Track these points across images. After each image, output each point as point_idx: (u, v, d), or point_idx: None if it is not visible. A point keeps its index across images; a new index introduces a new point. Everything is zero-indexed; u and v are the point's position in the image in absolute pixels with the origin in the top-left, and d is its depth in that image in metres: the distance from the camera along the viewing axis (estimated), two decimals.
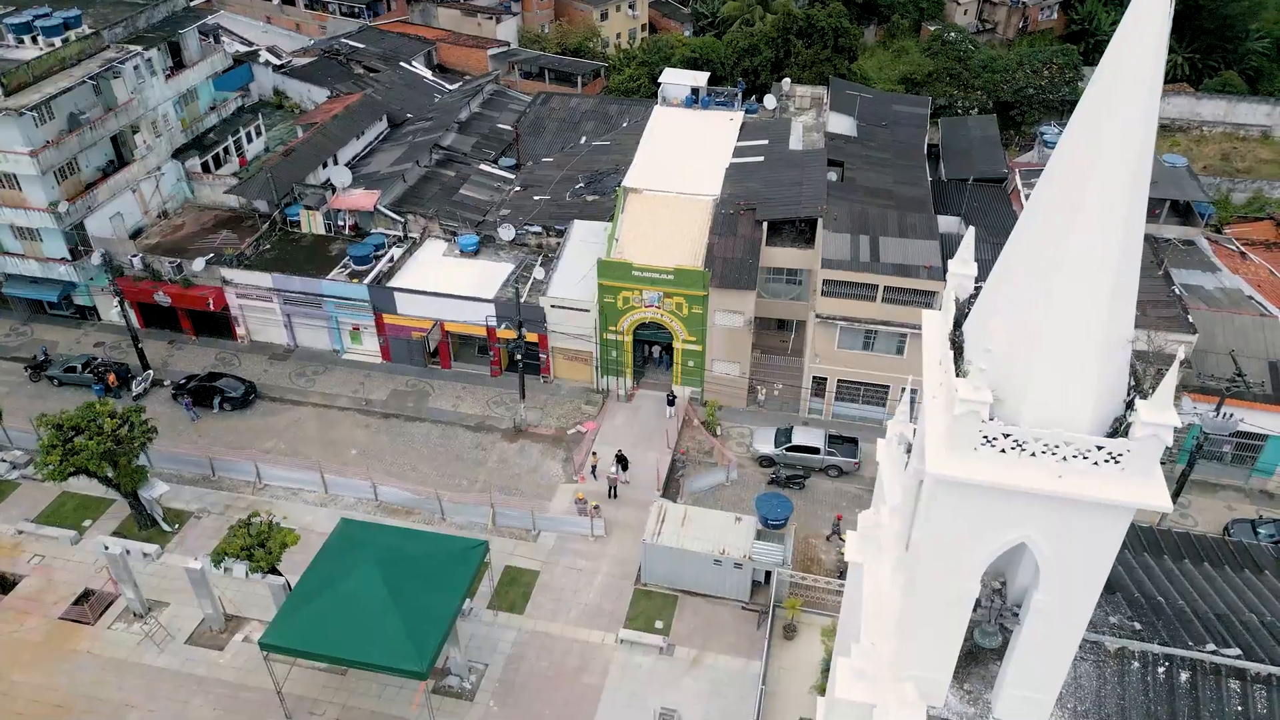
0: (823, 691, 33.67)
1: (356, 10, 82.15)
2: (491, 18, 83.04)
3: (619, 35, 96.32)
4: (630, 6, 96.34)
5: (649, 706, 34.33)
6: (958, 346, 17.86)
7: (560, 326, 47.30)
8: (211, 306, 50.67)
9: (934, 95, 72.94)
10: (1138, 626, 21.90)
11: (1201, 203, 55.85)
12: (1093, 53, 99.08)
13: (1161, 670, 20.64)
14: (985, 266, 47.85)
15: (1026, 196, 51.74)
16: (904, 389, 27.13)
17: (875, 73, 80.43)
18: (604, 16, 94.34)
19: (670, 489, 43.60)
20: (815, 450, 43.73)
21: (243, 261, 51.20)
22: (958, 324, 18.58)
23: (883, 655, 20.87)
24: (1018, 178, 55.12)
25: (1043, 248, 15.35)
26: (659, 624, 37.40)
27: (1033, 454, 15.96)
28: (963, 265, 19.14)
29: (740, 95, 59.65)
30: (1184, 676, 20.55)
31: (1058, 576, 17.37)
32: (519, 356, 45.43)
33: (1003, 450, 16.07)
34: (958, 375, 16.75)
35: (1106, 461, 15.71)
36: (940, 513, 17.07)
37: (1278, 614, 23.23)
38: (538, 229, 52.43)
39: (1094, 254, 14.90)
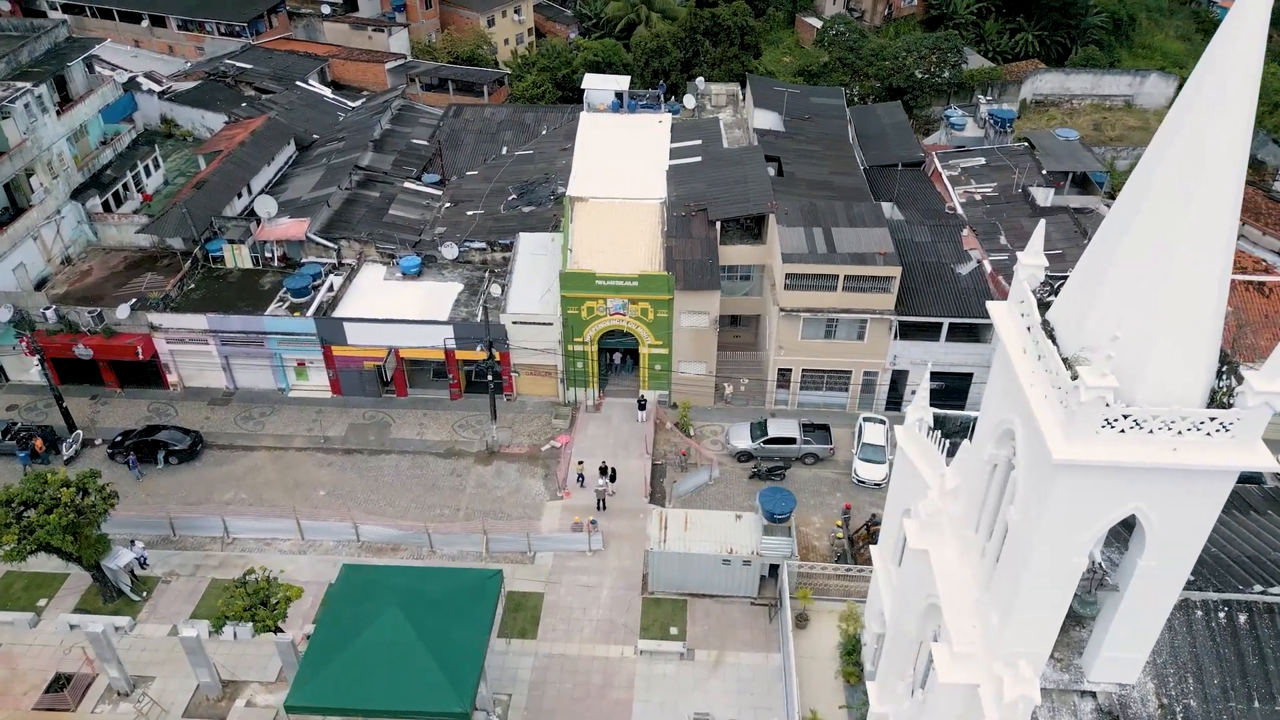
0: (849, 678, 34.76)
1: (237, 29, 78.13)
2: (382, 30, 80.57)
3: (506, 41, 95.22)
4: (516, 11, 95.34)
5: (682, 713, 34.43)
6: (1049, 333, 18.72)
7: (523, 342, 46.61)
8: (141, 355, 47.42)
9: (829, 85, 75.30)
10: (1190, 577, 23.51)
11: (1098, 172, 59.94)
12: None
13: (1222, 615, 22.30)
14: (925, 248, 49.54)
15: (948, 178, 54.43)
16: (924, 374, 28.12)
17: (772, 66, 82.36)
18: (490, 23, 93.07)
19: (656, 493, 43.72)
20: (792, 440, 44.72)
21: (170, 304, 48.15)
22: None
23: (974, 635, 21.70)
24: (936, 160, 57.74)
25: (1155, 236, 16.25)
26: (673, 630, 37.53)
27: (1150, 431, 16.98)
28: (1034, 257, 20.04)
29: (661, 96, 60.10)
30: (1242, 619, 22.27)
31: (1163, 542, 18.56)
32: (490, 377, 44.51)
33: (1122, 431, 17.02)
34: (1067, 365, 17.60)
35: (1218, 431, 16.87)
36: (1060, 495, 17.90)
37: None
38: (481, 245, 51.43)
39: (1210, 237, 15.95)
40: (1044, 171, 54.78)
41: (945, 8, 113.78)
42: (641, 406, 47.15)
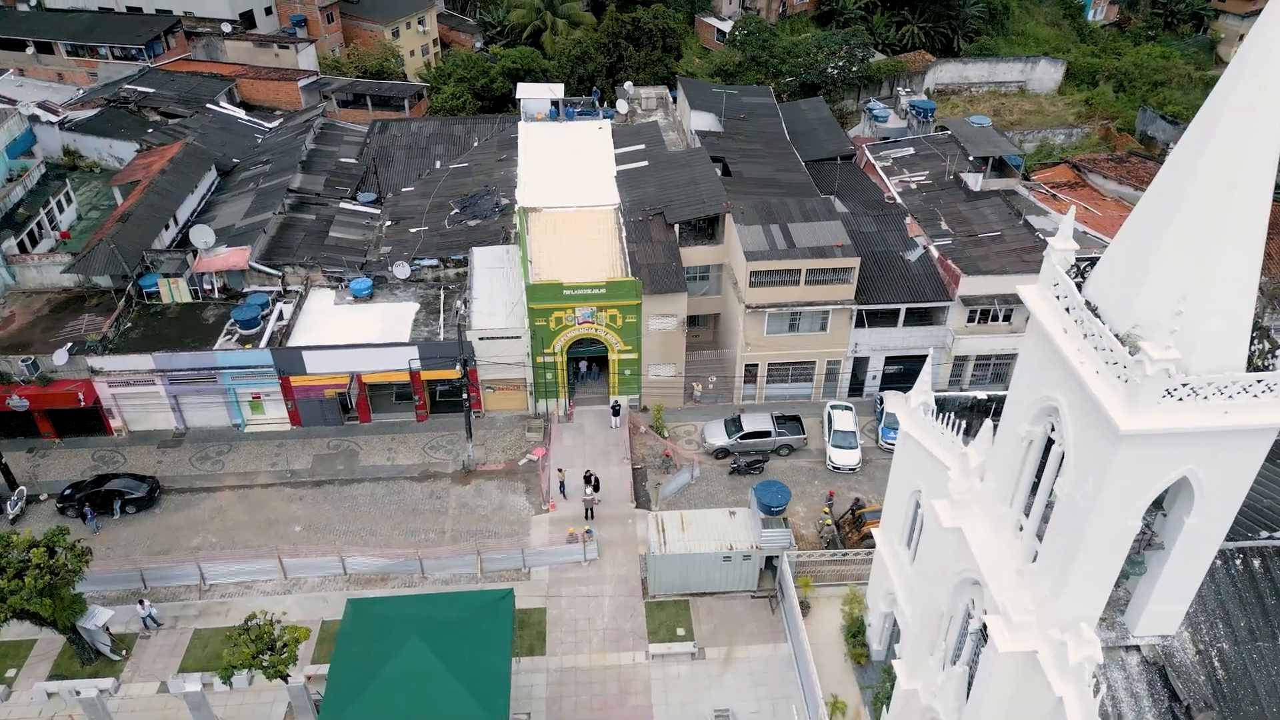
0: (858, 659, 35.76)
1: (133, 52, 74.28)
2: (287, 47, 77.96)
3: (412, 53, 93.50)
4: (420, 22, 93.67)
5: (702, 712, 34.80)
6: (1093, 310, 19.82)
7: (491, 357, 46.06)
8: (83, 402, 44.82)
9: (744, 84, 76.80)
10: None
11: (1013, 156, 63.03)
12: (842, 29, 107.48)
13: (1239, 562, 24.01)
14: (873, 238, 50.93)
15: (882, 169, 56.37)
16: (928, 363, 29.25)
17: (688, 66, 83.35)
18: (395, 34, 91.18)
19: (640, 498, 43.91)
20: (767, 434, 45.58)
21: (109, 346, 45.66)
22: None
23: (1028, 605, 22.75)
24: (867, 152, 59.69)
25: (1206, 215, 17.40)
26: (680, 631, 37.85)
27: (1205, 397, 18.24)
28: (1064, 241, 21.14)
29: (596, 102, 60.26)
30: (1257, 564, 24.04)
31: (1210, 500, 19.92)
32: (465, 395, 43.88)
33: (1180, 399, 18.22)
34: (1122, 342, 18.70)
35: (1263, 393, 18.25)
36: (1122, 464, 19.00)
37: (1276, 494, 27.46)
38: (433, 262, 50.58)
39: (1256, 211, 17.24)
40: (970, 158, 57.35)
41: (835, 3, 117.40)
42: (616, 412, 47.23)
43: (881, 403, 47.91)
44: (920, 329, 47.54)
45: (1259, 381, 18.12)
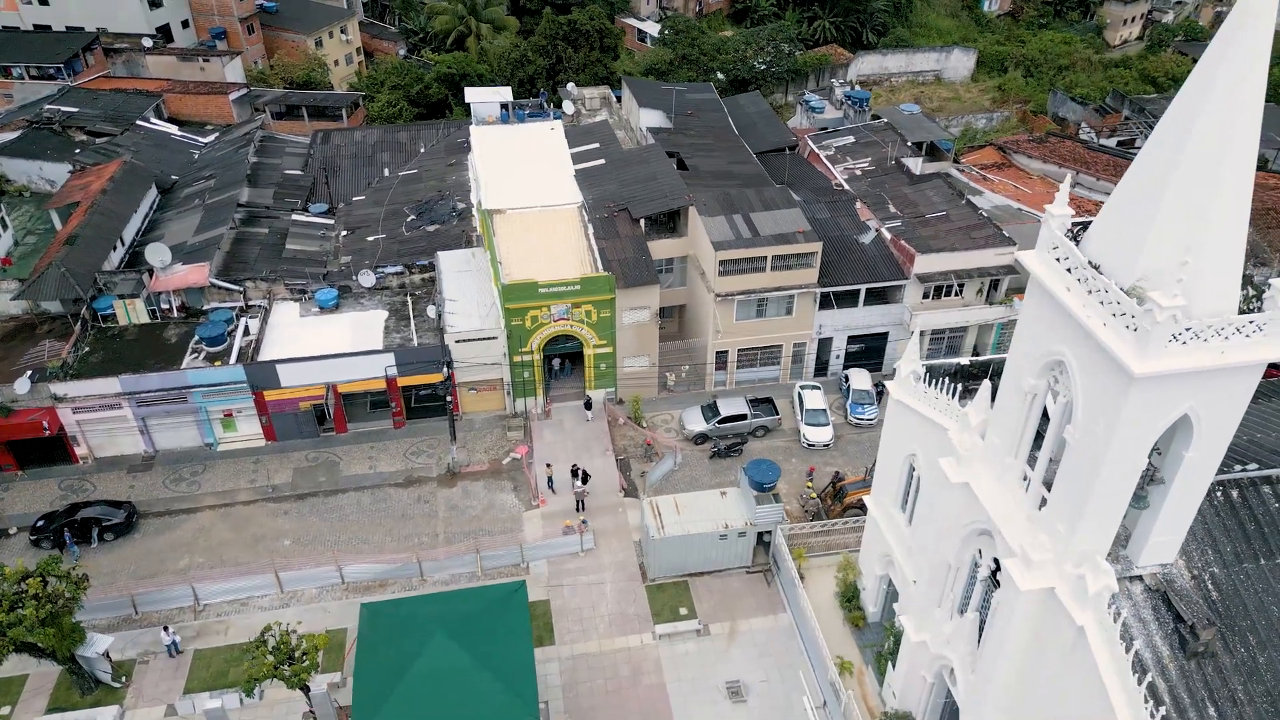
0: (856, 622, 37.48)
1: (51, 71, 71.62)
2: (210, 60, 76.16)
3: (337, 62, 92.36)
4: (342, 31, 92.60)
5: (714, 685, 36.00)
6: (1095, 268, 21.68)
7: (469, 359, 46.35)
8: (48, 430, 43.50)
9: (677, 81, 78.41)
10: None
11: (944, 140, 66.04)
12: (756, 25, 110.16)
13: (1219, 494, 26.33)
14: (827, 224, 52.67)
15: (826, 158, 58.53)
16: (915, 335, 30.93)
17: (623, 65, 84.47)
18: (319, 44, 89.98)
19: (627, 487, 44.84)
20: (743, 417, 47.07)
21: (70, 372, 44.39)
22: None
23: (1044, 545, 24.59)
24: (810, 142, 61.81)
25: (1203, 174, 19.31)
26: (683, 610, 38.98)
27: (1205, 340, 20.22)
28: (1061, 208, 22.95)
29: (544, 104, 60.96)
30: (1235, 494, 26.41)
31: (1207, 434, 21.99)
32: (449, 399, 44.13)
33: (1184, 343, 20.17)
34: (1129, 293, 20.56)
35: (1254, 333, 20.34)
36: (1134, 406, 20.87)
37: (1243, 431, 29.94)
38: (398, 269, 50.55)
39: (1245, 165, 19.24)
40: (909, 143, 59.98)
41: (749, 1, 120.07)
42: (588, 406, 48.07)
43: (847, 380, 49.92)
44: (879, 308, 49.68)
45: (1251, 323, 20.17)
